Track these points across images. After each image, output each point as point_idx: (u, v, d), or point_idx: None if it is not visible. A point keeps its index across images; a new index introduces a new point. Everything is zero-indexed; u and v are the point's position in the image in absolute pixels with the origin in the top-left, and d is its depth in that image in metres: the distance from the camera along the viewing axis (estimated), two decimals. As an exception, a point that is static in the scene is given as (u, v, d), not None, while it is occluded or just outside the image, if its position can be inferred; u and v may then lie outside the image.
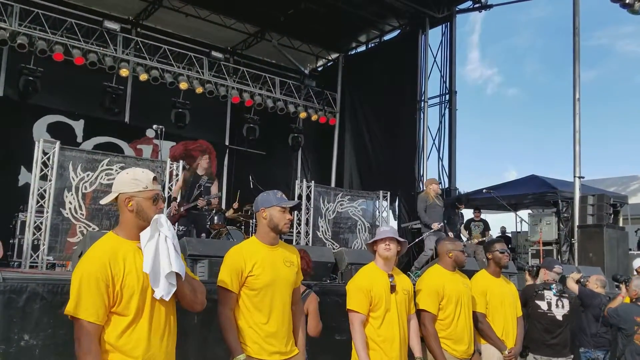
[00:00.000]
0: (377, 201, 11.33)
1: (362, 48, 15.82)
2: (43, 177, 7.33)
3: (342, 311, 4.37)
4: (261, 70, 14.39)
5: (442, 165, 13.13)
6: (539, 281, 5.14)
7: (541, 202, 11.97)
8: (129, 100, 13.06)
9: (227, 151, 14.77)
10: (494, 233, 13.15)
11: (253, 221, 10.49)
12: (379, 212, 11.32)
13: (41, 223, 7.22)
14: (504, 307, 4.41)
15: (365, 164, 14.68)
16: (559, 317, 4.82)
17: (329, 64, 16.52)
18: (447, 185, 12.94)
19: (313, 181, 10.76)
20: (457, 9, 13.56)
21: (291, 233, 10.24)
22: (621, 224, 11.40)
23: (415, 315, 3.82)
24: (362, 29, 15.07)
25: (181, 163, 8.63)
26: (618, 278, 5.87)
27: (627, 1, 9.35)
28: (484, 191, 11.31)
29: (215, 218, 9.20)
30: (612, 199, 10.77)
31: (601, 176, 22.11)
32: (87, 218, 7.52)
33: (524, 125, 61.85)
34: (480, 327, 4.31)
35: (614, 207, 10.83)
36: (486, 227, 11.37)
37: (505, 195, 11.47)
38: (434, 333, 3.90)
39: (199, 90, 12.76)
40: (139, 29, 13.24)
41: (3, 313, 3.37)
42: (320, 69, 16.69)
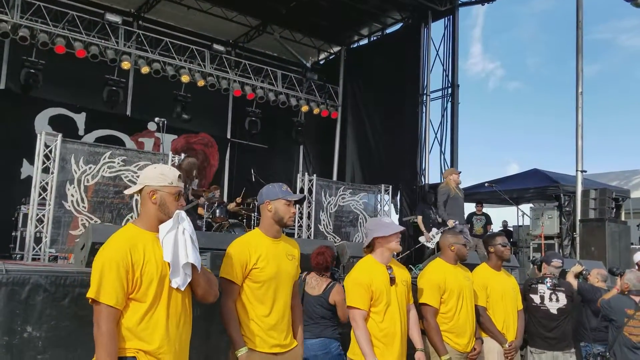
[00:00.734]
0: (379, 195, 11.34)
1: (365, 41, 15.77)
2: (45, 170, 7.35)
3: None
4: (263, 63, 14.37)
5: (444, 158, 13.12)
6: (541, 275, 5.16)
7: (543, 196, 11.97)
8: (131, 93, 13.05)
9: (229, 144, 14.75)
10: (496, 227, 13.16)
11: (254, 214, 10.51)
12: (381, 206, 11.34)
13: (43, 216, 7.24)
14: (505, 301, 4.41)
15: (367, 158, 14.67)
16: (553, 311, 4.82)
17: (331, 57, 16.47)
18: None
19: (315, 175, 10.77)
20: (460, 2, 13.51)
21: (293, 226, 10.25)
22: (623, 218, 11.41)
23: (413, 305, 3.77)
24: (365, 22, 15.02)
25: (183, 156, 8.62)
26: (614, 271, 5.85)
27: (631, -6, 9.31)
28: (486, 184, 11.29)
29: (217, 211, 9.23)
30: (615, 193, 10.76)
31: (603, 170, 22.09)
32: (89, 211, 7.53)
33: (526, 119, 61.77)
34: (481, 321, 4.32)
35: (616, 201, 10.82)
36: (488, 221, 11.38)
37: (507, 189, 11.45)
38: (436, 326, 3.89)
39: (201, 83, 12.74)
40: (141, 22, 13.20)
41: (6, 305, 3.38)
42: (322, 62, 16.66)
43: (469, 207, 11.51)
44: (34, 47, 10.82)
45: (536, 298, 4.87)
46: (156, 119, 8.20)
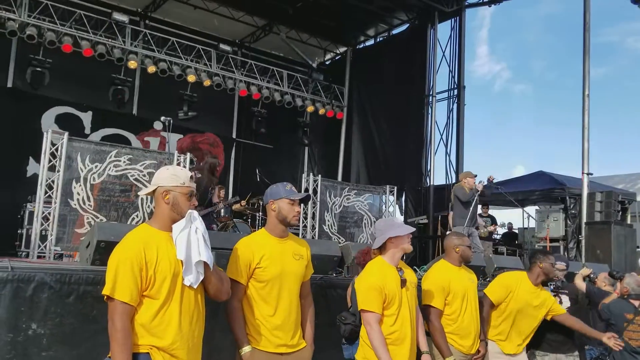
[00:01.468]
0: (384, 196, 11.31)
1: (371, 42, 15.75)
2: (51, 168, 7.36)
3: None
4: (269, 63, 14.37)
5: (450, 160, 13.08)
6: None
7: (549, 199, 11.93)
8: (137, 92, 13.07)
9: (234, 144, 14.77)
10: (500, 229, 13.13)
11: (259, 214, 10.52)
12: (386, 207, 11.31)
13: (49, 214, 7.25)
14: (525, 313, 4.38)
15: (372, 159, 14.65)
16: None
17: (337, 58, 16.46)
18: (454, 180, 12.90)
19: (320, 175, 10.75)
20: (467, 4, 13.48)
21: (297, 227, 10.25)
22: (629, 221, 11.34)
23: (418, 308, 3.74)
24: (371, 23, 15.00)
25: (188, 155, 8.62)
26: (614, 275, 5.79)
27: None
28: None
29: (222, 211, 9.22)
30: (621, 196, 10.71)
31: (609, 173, 21.95)
32: (95, 209, 7.54)
33: (532, 121, 61.46)
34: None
35: (622, 204, 10.77)
36: (494, 223, 11.34)
37: (512, 191, 11.42)
38: (440, 328, 3.88)
39: (207, 82, 12.76)
40: (148, 21, 13.23)
41: (11, 302, 3.40)
42: (328, 63, 16.64)
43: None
44: (41, 46, 10.88)
45: None
46: (162, 118, 8.20)
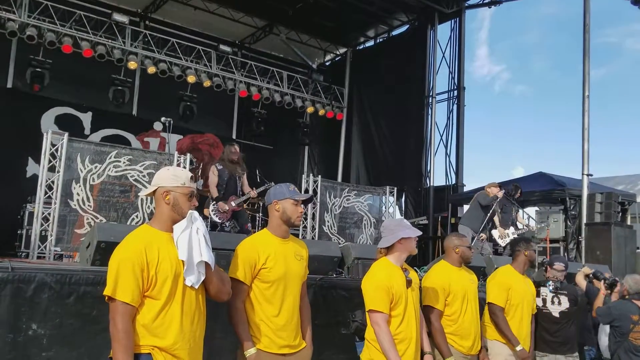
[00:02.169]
0: (384, 196, 11.32)
1: (370, 43, 15.77)
2: (51, 169, 7.36)
3: (348, 305, 4.38)
4: (269, 64, 14.37)
5: (450, 161, 13.11)
6: (544, 278, 5.14)
7: (549, 200, 11.90)
8: (137, 93, 13.08)
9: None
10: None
11: (259, 215, 10.51)
12: (385, 208, 11.31)
13: (49, 214, 7.25)
14: (523, 305, 4.45)
15: (372, 159, 14.67)
16: (555, 314, 4.82)
17: (337, 59, 16.48)
18: (454, 181, 12.92)
19: (320, 176, 10.75)
20: (467, 5, 13.52)
21: (297, 227, 10.25)
22: (629, 222, 11.33)
23: (420, 309, 3.76)
24: (371, 24, 15.01)
25: (188, 156, 8.62)
26: (598, 276, 5.75)
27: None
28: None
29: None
30: (621, 197, 10.70)
31: (609, 174, 21.94)
32: (95, 210, 7.54)
33: (532, 122, 61.58)
34: (496, 321, 4.37)
35: (622, 205, 10.75)
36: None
37: (512, 192, 11.37)
38: (441, 329, 3.88)
39: (207, 83, 12.76)
40: (148, 22, 13.24)
41: (11, 302, 3.39)
42: (328, 64, 16.66)
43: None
44: (41, 47, 10.88)
45: (538, 301, 4.86)
46: (162, 119, 8.18)
